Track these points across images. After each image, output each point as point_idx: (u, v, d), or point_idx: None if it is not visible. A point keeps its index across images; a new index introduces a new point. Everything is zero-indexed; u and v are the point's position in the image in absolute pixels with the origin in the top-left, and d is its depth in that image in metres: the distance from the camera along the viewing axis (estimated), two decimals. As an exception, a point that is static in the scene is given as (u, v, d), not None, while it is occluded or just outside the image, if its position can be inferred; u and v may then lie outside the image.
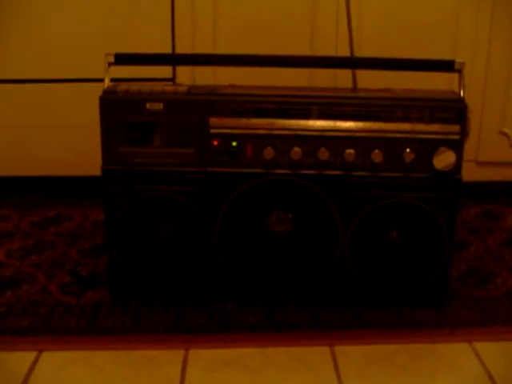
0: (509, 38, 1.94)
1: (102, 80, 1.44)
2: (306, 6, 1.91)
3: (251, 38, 1.89)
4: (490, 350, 1.37)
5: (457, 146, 1.40)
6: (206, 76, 1.85)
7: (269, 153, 1.41)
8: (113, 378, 1.28)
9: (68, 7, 1.90)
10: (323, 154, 1.41)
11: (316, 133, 1.41)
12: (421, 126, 1.39)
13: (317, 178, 1.42)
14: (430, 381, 1.29)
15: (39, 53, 1.93)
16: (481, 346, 1.38)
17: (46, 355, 1.34)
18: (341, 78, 1.75)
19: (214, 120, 1.41)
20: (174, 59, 1.79)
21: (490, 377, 1.29)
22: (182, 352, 1.36)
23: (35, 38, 1.92)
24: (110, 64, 1.44)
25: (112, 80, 1.45)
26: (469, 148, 1.49)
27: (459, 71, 1.42)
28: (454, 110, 1.39)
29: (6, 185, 2.07)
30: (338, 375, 1.29)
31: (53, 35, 1.92)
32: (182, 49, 1.92)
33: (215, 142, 1.42)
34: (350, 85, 1.69)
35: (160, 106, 1.40)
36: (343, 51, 1.77)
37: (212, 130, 1.41)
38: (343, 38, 1.77)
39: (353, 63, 1.66)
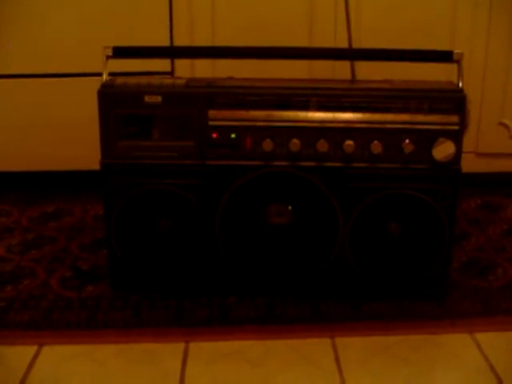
0: (507, 28, 1.94)
1: (100, 74, 1.44)
2: (305, -3, 1.92)
3: (250, 30, 1.88)
4: (491, 340, 1.37)
5: (456, 137, 1.39)
6: (204, 69, 1.85)
7: (268, 145, 1.41)
8: (114, 372, 1.28)
9: (65, 1, 1.90)
10: (322, 145, 1.40)
11: (315, 124, 1.40)
12: (420, 117, 1.39)
13: (316, 170, 1.42)
14: (430, 372, 1.29)
15: (36, 47, 1.92)
16: (482, 336, 1.38)
17: (46, 349, 1.34)
18: (339, 70, 1.75)
19: (212, 112, 1.40)
20: (172, 52, 1.78)
21: (492, 367, 1.29)
22: (183, 345, 1.36)
23: (32, 33, 1.92)
24: (108, 57, 1.44)
25: (110, 74, 1.45)
26: (468, 139, 1.49)
27: (458, 62, 1.41)
28: (452, 100, 1.38)
29: (6, 180, 2.07)
30: (339, 367, 1.29)
31: (50, 29, 1.92)
32: (180, 41, 1.91)
33: (214, 135, 1.41)
34: (348, 76, 1.69)
35: (158, 98, 1.40)
36: (342, 43, 1.77)
37: (211, 123, 1.41)
38: (342, 29, 1.76)
39: (351, 55, 1.65)
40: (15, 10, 1.90)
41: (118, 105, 1.41)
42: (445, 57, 1.42)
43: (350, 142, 1.40)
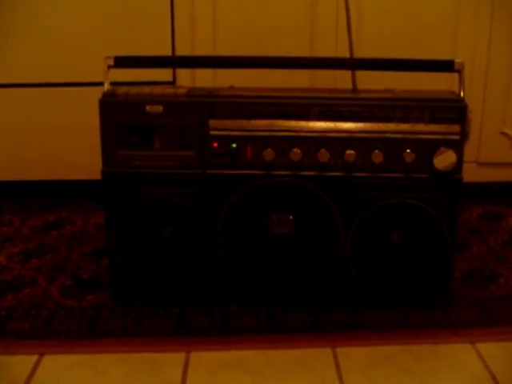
0: (509, 37, 1.94)
1: (101, 84, 1.44)
2: (306, 7, 1.92)
3: (251, 39, 1.89)
4: (493, 350, 1.36)
5: (457, 146, 1.39)
6: (206, 78, 1.85)
7: (269, 154, 1.41)
8: (114, 381, 1.28)
9: (67, 10, 1.91)
10: (323, 155, 1.40)
11: (316, 134, 1.40)
12: (421, 127, 1.39)
13: (317, 180, 1.42)
14: (432, 382, 1.29)
15: (38, 57, 1.93)
16: (483, 346, 1.38)
17: (47, 358, 1.34)
18: (341, 79, 1.75)
19: (213, 122, 1.40)
20: (173, 62, 1.78)
21: (493, 377, 1.28)
22: (184, 354, 1.35)
23: (35, 42, 1.92)
24: (109, 67, 1.45)
25: (112, 84, 1.45)
26: (470, 149, 1.49)
27: (459, 71, 1.42)
28: (453, 109, 1.38)
29: (7, 189, 2.08)
30: (340, 377, 1.29)
31: (52, 39, 1.92)
32: (181, 51, 1.92)
33: (215, 144, 1.41)
34: (350, 86, 1.69)
35: (160, 108, 1.40)
36: (343, 52, 1.77)
37: (212, 132, 1.41)
38: (343, 38, 1.76)
39: (352, 64, 1.65)
40: (17, 19, 1.90)
41: (119, 114, 1.41)
42: (446, 66, 1.43)
43: (351, 152, 1.40)
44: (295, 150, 1.41)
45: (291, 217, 1.47)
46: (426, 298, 1.49)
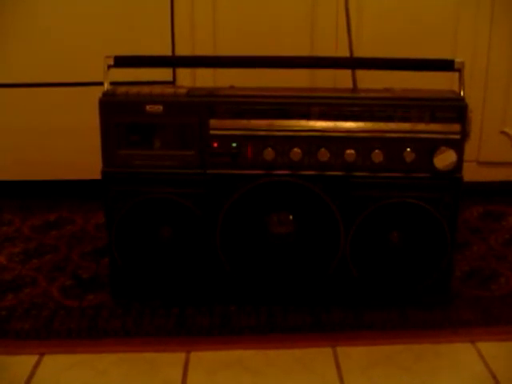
0: (509, 36, 1.94)
1: (101, 83, 1.44)
2: (306, 7, 1.91)
3: (251, 39, 1.89)
4: (493, 349, 1.36)
5: (457, 146, 1.39)
6: (206, 78, 1.85)
7: (269, 154, 1.41)
8: (114, 381, 1.28)
9: (67, 10, 1.91)
10: (323, 154, 1.40)
11: (316, 133, 1.40)
12: (421, 126, 1.39)
13: (317, 179, 1.42)
14: (433, 381, 1.28)
15: (38, 57, 1.93)
16: (484, 346, 1.37)
17: (47, 358, 1.34)
18: (341, 79, 1.75)
19: (213, 122, 1.40)
20: (173, 61, 1.78)
21: (494, 376, 1.28)
22: (184, 354, 1.35)
23: (35, 42, 1.92)
24: (109, 67, 1.44)
25: (112, 83, 1.45)
26: (470, 148, 1.49)
27: (459, 70, 1.42)
28: (454, 109, 1.38)
29: (8, 189, 2.08)
30: (341, 376, 1.29)
31: (52, 39, 1.92)
32: (181, 51, 1.92)
33: (215, 144, 1.41)
34: (350, 85, 1.69)
35: (160, 108, 1.40)
36: (343, 52, 1.77)
37: (212, 132, 1.41)
38: (343, 38, 1.77)
39: (353, 63, 1.65)
40: (18, 19, 1.90)
41: (119, 114, 1.41)
42: (446, 66, 1.43)
43: (351, 151, 1.40)
44: (295, 149, 1.41)
45: (291, 217, 1.47)
46: (426, 298, 1.49)
